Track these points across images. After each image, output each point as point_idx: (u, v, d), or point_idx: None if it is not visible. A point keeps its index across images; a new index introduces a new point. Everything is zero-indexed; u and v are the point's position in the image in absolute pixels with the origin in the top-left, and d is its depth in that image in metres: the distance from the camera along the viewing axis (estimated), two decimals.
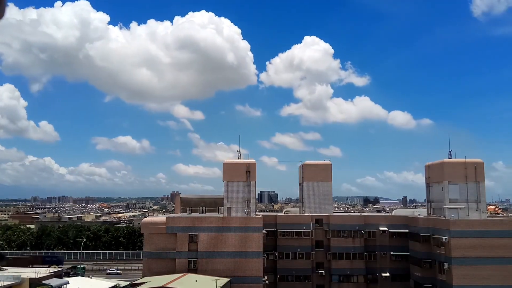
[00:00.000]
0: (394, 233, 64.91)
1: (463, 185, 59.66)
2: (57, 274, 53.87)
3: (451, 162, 61.35)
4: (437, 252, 57.54)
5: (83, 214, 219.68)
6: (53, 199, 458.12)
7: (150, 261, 58.35)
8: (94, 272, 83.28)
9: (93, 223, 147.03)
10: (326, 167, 68.69)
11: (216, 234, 58.08)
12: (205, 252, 57.57)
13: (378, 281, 64.09)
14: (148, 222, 61.57)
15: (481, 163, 61.43)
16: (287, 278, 63.34)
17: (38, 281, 47.47)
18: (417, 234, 61.14)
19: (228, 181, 61.95)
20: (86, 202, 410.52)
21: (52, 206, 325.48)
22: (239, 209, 61.31)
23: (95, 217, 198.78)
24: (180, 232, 58.33)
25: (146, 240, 59.68)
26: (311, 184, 67.73)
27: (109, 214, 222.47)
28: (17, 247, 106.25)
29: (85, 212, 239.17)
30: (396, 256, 64.60)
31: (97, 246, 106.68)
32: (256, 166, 63.15)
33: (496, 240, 55.32)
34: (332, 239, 64.49)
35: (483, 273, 54.19)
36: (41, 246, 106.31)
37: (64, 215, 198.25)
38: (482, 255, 54.68)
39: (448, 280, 55.35)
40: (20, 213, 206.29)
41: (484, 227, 56.94)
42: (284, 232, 64.17)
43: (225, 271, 55.56)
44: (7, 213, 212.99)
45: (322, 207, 66.76)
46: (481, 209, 59.65)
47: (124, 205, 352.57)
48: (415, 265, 61.73)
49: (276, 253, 63.75)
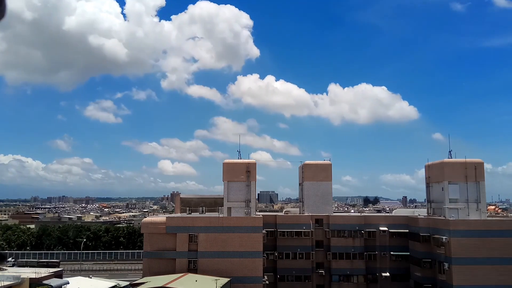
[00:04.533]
0: (394, 233, 64.95)
1: (463, 185, 59.71)
2: (57, 274, 53.92)
3: (451, 162, 61.38)
4: (437, 252, 57.57)
5: (83, 214, 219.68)
6: (53, 199, 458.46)
7: (150, 261, 58.37)
8: (94, 272, 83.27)
9: (93, 223, 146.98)
10: (326, 167, 68.71)
11: (216, 234, 58.12)
12: (205, 252, 57.60)
13: (378, 281, 64.12)
14: (148, 222, 61.60)
15: (481, 163, 61.46)
16: (287, 278, 63.37)
17: (38, 281, 47.52)
18: (417, 234, 61.18)
19: (228, 181, 62.01)
20: (86, 202, 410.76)
21: (52, 206, 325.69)
22: (239, 209, 61.35)
23: (95, 217, 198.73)
24: (180, 232, 58.36)
25: (146, 240, 59.70)
26: (311, 184, 67.76)
27: (109, 214, 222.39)
28: (17, 247, 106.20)
29: (85, 212, 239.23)
30: (396, 256, 64.63)
31: (97, 246, 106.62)
32: (256, 166, 63.25)
33: (496, 240, 55.35)
34: (332, 239, 64.52)
35: (483, 273, 54.21)
36: (41, 246, 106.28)
37: (64, 215, 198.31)
38: (482, 255, 54.70)
39: (448, 280, 55.38)
40: (20, 213, 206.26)
41: (484, 227, 56.96)
42: (284, 232, 64.20)
43: (225, 271, 55.59)
44: (7, 213, 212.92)
45: (322, 207, 66.80)
46: (481, 209, 59.68)
47: (124, 205, 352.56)
48: (415, 265, 61.78)
49: (276, 253, 63.77)
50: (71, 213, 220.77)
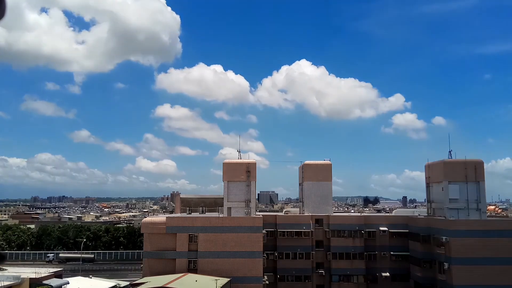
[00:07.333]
0: (394, 233, 64.91)
1: (463, 185, 59.64)
2: (57, 274, 53.96)
3: (451, 162, 61.31)
4: (437, 252, 57.53)
5: (83, 214, 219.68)
6: (53, 199, 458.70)
7: (150, 261, 58.33)
8: (94, 272, 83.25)
9: (93, 223, 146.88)
10: (326, 167, 68.67)
11: (216, 234, 58.08)
12: (205, 252, 57.56)
13: (378, 281, 64.08)
14: (148, 222, 61.56)
15: (481, 162, 61.40)
16: (287, 278, 63.33)
17: (38, 281, 47.55)
18: (417, 234, 61.15)
19: (228, 181, 61.95)
20: (86, 202, 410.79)
21: (52, 206, 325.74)
22: (239, 209, 61.30)
23: (95, 217, 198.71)
24: (180, 232, 58.32)
25: (146, 240, 59.66)
26: (311, 184, 67.73)
27: (109, 214, 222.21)
28: (17, 247, 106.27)
29: (85, 212, 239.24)
30: (396, 256, 64.59)
31: (97, 246, 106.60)
32: (256, 166, 63.18)
33: (496, 240, 55.28)
34: (332, 239, 64.49)
35: (483, 273, 54.14)
36: (41, 246, 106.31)
37: (64, 215, 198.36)
38: (482, 255, 54.63)
39: (448, 280, 55.34)
40: (20, 213, 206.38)
41: (484, 227, 56.92)
42: (284, 232, 64.17)
43: (225, 271, 55.56)
44: (7, 213, 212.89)
45: (322, 207, 66.77)
46: (481, 209, 59.63)
47: (124, 205, 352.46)
48: (415, 265, 61.74)
49: (276, 253, 63.72)
50: (71, 213, 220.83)
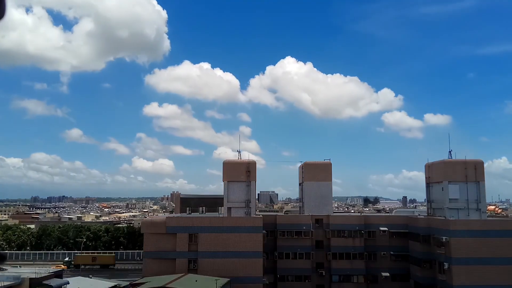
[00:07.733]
0: (394, 233, 64.90)
1: (463, 185, 59.66)
2: (57, 274, 53.94)
3: (451, 162, 61.32)
4: (437, 252, 57.53)
5: (83, 214, 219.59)
6: (53, 199, 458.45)
7: (150, 261, 58.34)
8: (95, 272, 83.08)
9: (93, 223, 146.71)
10: (326, 167, 68.65)
11: (216, 234, 58.09)
12: (205, 252, 57.57)
13: (378, 281, 64.07)
14: (148, 222, 61.62)
15: (481, 162, 61.44)
16: (287, 278, 63.32)
17: (38, 281, 47.52)
18: (417, 234, 61.14)
19: (228, 181, 61.96)
20: (86, 202, 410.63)
21: (52, 206, 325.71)
22: (239, 209, 61.32)
23: (95, 217, 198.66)
24: (180, 232, 58.33)
25: (146, 240, 59.66)
26: (311, 184, 67.71)
27: (109, 214, 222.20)
28: (17, 247, 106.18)
29: (85, 212, 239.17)
30: (396, 256, 64.58)
31: (97, 246, 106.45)
32: (256, 166, 63.18)
33: (496, 240, 55.30)
34: (332, 239, 64.47)
35: (483, 273, 54.18)
36: (41, 246, 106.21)
37: (64, 215, 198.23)
38: (482, 255, 54.65)
39: (448, 280, 55.35)
40: (20, 213, 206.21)
41: (484, 227, 56.94)
42: (284, 232, 64.14)
43: (225, 271, 55.55)
44: (7, 213, 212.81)
45: (322, 207, 66.75)
46: (481, 209, 59.65)
47: (124, 205, 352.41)
48: (415, 265, 61.72)
49: (276, 253, 63.72)
50: (71, 213, 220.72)
